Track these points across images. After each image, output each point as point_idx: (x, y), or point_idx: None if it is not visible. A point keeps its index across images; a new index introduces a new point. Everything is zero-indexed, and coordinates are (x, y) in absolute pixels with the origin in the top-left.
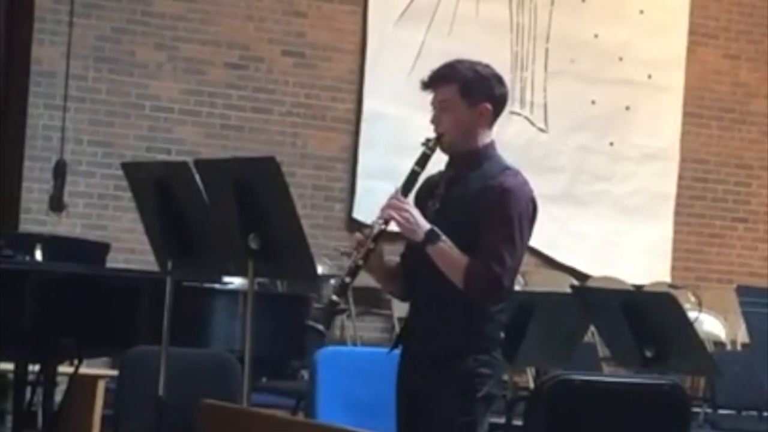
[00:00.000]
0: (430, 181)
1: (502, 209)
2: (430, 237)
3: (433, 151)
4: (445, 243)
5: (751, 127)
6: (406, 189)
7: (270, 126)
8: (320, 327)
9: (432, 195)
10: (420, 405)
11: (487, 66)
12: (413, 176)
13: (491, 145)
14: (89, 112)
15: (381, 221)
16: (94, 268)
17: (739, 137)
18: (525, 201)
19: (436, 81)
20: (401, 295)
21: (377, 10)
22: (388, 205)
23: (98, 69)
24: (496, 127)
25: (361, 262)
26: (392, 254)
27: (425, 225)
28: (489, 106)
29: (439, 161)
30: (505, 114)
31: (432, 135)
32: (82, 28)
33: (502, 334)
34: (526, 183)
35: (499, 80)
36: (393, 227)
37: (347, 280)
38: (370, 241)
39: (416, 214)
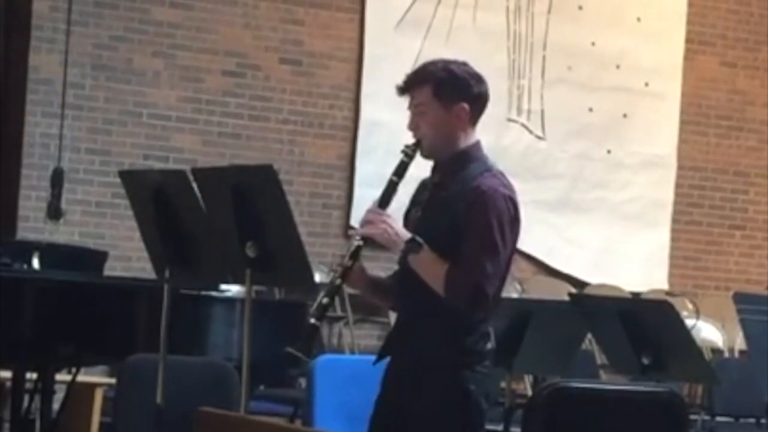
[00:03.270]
0: (425, 185)
1: (479, 214)
2: (411, 246)
3: (411, 158)
4: (426, 252)
5: (749, 135)
6: (383, 200)
7: (267, 134)
8: (301, 356)
9: (416, 202)
10: (401, 420)
11: (463, 64)
12: (391, 186)
13: (475, 146)
14: (87, 120)
15: (358, 237)
16: (91, 276)
17: (737, 145)
18: (503, 202)
19: (409, 84)
20: (396, 307)
21: (375, 18)
22: (365, 220)
23: (96, 77)
24: (492, 135)
25: (338, 282)
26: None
27: (405, 235)
28: (466, 106)
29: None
30: (502, 121)
31: (412, 141)
32: (79, 36)
33: (490, 345)
34: (504, 184)
35: (477, 78)
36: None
37: (325, 301)
38: (347, 258)
39: (395, 224)
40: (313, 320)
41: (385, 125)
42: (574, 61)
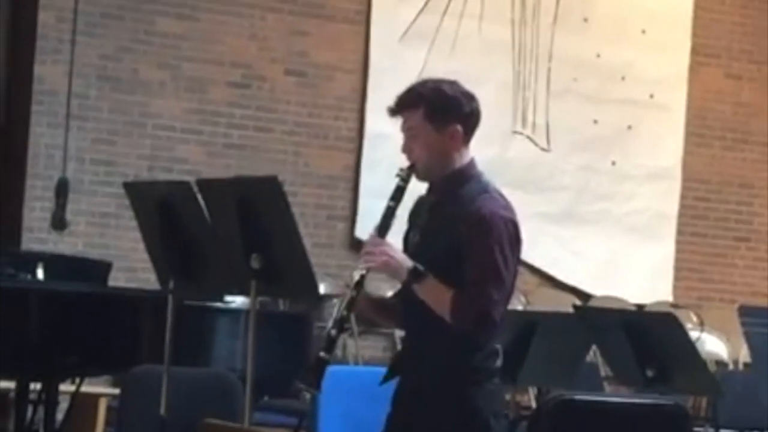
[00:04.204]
0: (422, 203)
1: (481, 240)
2: (414, 275)
3: (406, 182)
4: (430, 279)
5: (754, 147)
6: (382, 228)
7: (272, 145)
8: (310, 390)
9: (415, 225)
10: None
11: (453, 83)
12: (389, 213)
13: (470, 165)
14: (92, 130)
15: (361, 266)
16: (95, 286)
17: (741, 157)
18: (503, 226)
19: (400, 107)
20: (402, 326)
21: (380, 29)
22: (365, 251)
23: (101, 88)
24: (497, 147)
25: (345, 313)
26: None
27: (407, 264)
28: (459, 127)
29: None
30: (507, 134)
31: (406, 164)
32: (84, 46)
33: (499, 362)
34: (504, 206)
35: (468, 96)
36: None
37: (333, 333)
38: (351, 289)
39: (396, 254)
40: (322, 353)
41: (390, 137)
42: (580, 73)
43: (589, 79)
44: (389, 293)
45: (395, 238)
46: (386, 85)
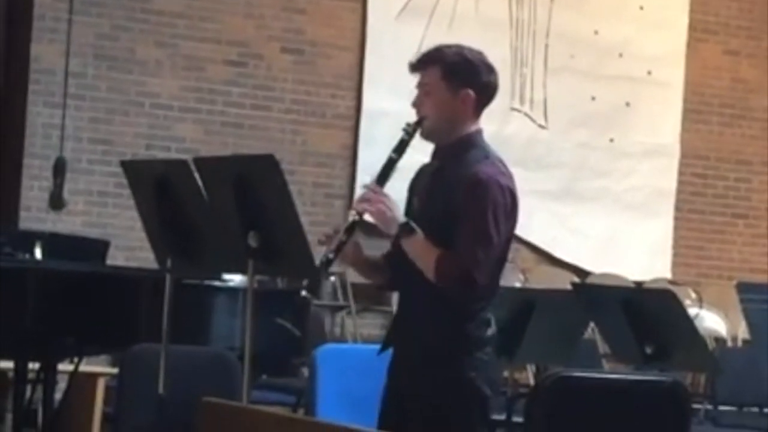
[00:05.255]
0: (423, 171)
1: (475, 201)
2: (404, 230)
3: (411, 136)
4: (419, 236)
5: (752, 123)
6: (382, 178)
7: (270, 123)
8: (291, 327)
9: (416, 192)
10: (405, 408)
11: (478, 52)
12: (390, 164)
13: (476, 134)
14: (89, 109)
15: (354, 213)
16: (94, 265)
17: (740, 133)
18: (499, 191)
19: (421, 63)
20: (387, 286)
21: (377, 6)
22: (362, 197)
23: (97, 66)
24: (495, 124)
25: (332, 256)
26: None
27: (400, 218)
28: (472, 93)
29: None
30: (505, 111)
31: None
32: (81, 25)
33: (491, 332)
34: (503, 173)
35: (488, 68)
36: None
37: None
38: (342, 233)
39: (392, 205)
40: (304, 292)
41: (388, 114)
42: (577, 50)
43: (587, 56)
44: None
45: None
46: (384, 62)
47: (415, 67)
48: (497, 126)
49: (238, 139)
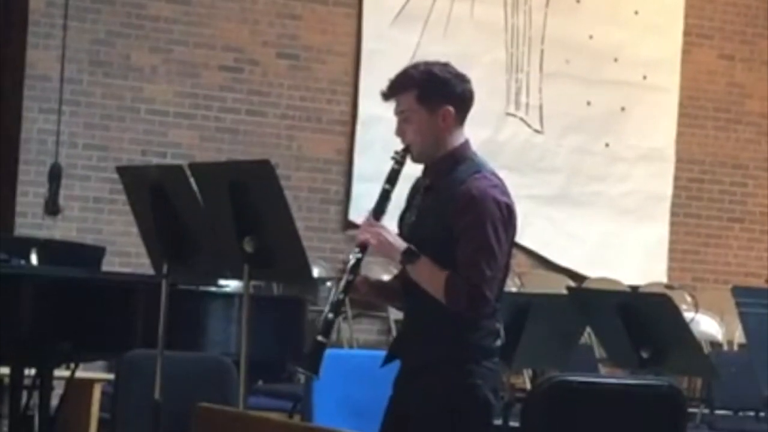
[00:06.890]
0: (418, 184)
1: (471, 217)
2: (408, 256)
3: (401, 164)
4: (423, 260)
5: (747, 128)
6: (378, 210)
7: (265, 129)
8: (309, 374)
9: (411, 205)
10: (409, 415)
11: (445, 65)
12: (384, 195)
13: (464, 146)
14: (84, 115)
15: (357, 250)
16: (89, 272)
17: (735, 137)
18: (494, 204)
19: (392, 91)
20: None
21: (372, 12)
22: (362, 231)
23: (93, 72)
24: (491, 129)
25: (341, 296)
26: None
27: (401, 245)
28: (451, 108)
29: None
30: (500, 116)
31: (400, 147)
32: (76, 31)
33: (498, 342)
34: (495, 185)
35: (460, 77)
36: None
37: (330, 316)
38: (347, 273)
39: (390, 236)
40: (320, 337)
41: (383, 119)
42: (572, 55)
43: (582, 61)
44: (384, 277)
45: (390, 222)
46: (379, 67)
47: (387, 95)
48: (492, 131)
49: (234, 145)
